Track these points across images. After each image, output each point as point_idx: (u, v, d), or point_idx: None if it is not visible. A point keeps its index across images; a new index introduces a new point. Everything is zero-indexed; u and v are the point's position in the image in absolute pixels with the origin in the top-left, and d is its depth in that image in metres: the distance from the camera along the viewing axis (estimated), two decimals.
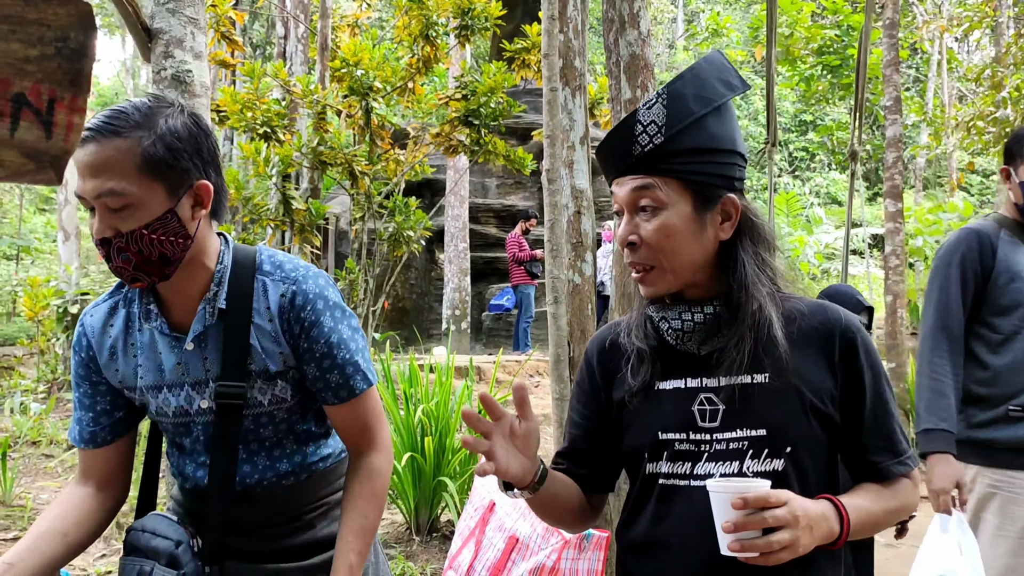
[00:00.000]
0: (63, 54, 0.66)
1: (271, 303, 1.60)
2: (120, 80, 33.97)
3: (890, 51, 9.05)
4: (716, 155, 1.36)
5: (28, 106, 0.67)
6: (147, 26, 2.66)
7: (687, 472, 1.37)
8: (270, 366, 1.60)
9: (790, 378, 1.34)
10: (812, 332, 1.38)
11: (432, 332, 13.80)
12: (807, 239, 17.07)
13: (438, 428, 4.79)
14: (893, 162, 8.78)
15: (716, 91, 1.37)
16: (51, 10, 0.64)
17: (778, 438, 1.33)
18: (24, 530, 4.86)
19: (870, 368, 1.38)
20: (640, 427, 1.44)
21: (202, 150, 1.52)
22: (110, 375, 1.66)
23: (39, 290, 8.63)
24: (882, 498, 1.37)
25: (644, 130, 1.35)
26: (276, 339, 1.60)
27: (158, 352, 1.61)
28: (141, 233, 1.45)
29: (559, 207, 3.95)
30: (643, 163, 1.35)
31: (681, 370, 1.42)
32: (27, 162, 0.67)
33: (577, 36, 4.49)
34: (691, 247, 1.36)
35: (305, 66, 10.96)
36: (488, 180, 15.07)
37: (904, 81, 21.01)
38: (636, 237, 1.37)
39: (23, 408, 7.33)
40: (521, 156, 8.20)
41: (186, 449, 1.69)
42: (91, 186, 1.42)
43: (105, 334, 1.65)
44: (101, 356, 1.65)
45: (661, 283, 1.39)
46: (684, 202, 1.35)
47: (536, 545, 2.89)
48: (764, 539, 1.19)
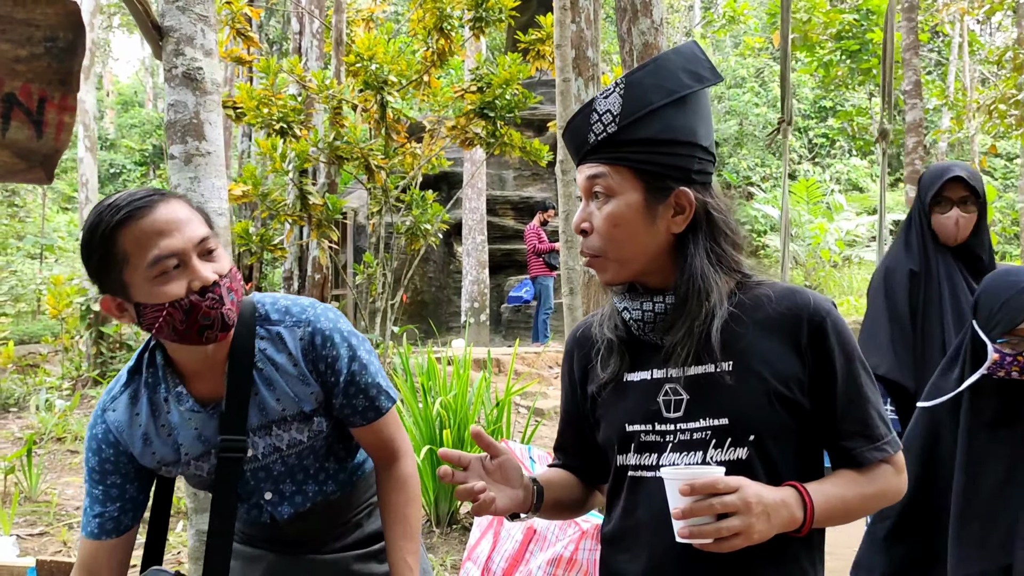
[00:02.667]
0: (52, 53, 0.67)
1: (292, 349, 1.64)
2: (139, 78, 34.24)
3: (909, 34, 8.94)
4: (671, 146, 1.33)
5: (19, 106, 0.67)
6: (157, 24, 2.67)
7: (653, 463, 1.37)
8: (304, 407, 1.66)
9: (753, 366, 1.33)
10: (779, 318, 1.35)
11: (451, 325, 13.83)
12: (828, 226, 16.92)
13: (456, 420, 4.80)
14: (914, 147, 8.68)
15: (679, 82, 1.35)
16: (39, 10, 0.64)
17: (740, 427, 1.32)
18: (50, 525, 4.93)
19: (842, 351, 1.34)
20: (609, 419, 1.44)
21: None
22: (147, 461, 1.65)
23: (62, 288, 8.73)
24: (856, 484, 1.33)
25: (599, 119, 1.35)
26: (305, 381, 1.65)
27: (194, 427, 1.63)
28: (232, 272, 1.55)
29: (573, 198, 3.94)
30: (597, 151, 1.36)
31: (647, 362, 1.41)
32: (18, 161, 0.68)
33: (590, 26, 4.47)
34: (640, 238, 1.35)
35: (321, 61, 10.99)
36: (505, 172, 15.06)
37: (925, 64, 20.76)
38: (588, 224, 1.38)
39: (48, 405, 7.43)
40: (537, 147, 8.18)
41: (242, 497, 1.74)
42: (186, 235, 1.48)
43: (133, 425, 1.64)
44: (134, 447, 1.64)
45: (610, 271, 1.39)
46: (634, 192, 1.34)
47: (553, 536, 2.90)
48: (713, 525, 1.18)
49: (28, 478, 5.40)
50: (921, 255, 2.93)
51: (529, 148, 8.17)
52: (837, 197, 20.00)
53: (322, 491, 1.77)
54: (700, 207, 1.36)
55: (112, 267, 1.47)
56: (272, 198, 7.61)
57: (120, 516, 1.67)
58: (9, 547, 3.83)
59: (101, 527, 1.65)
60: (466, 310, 12.79)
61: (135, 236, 1.44)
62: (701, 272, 1.34)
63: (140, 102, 31.80)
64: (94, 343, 8.42)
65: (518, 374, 9.29)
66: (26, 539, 4.67)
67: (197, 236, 1.48)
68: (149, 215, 1.45)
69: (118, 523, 1.67)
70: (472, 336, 11.45)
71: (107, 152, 26.86)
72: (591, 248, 1.39)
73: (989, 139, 19.29)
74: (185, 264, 1.47)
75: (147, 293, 1.47)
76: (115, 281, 1.49)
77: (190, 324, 1.48)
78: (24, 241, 15.08)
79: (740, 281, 1.39)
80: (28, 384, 8.28)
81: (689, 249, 1.36)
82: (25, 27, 0.57)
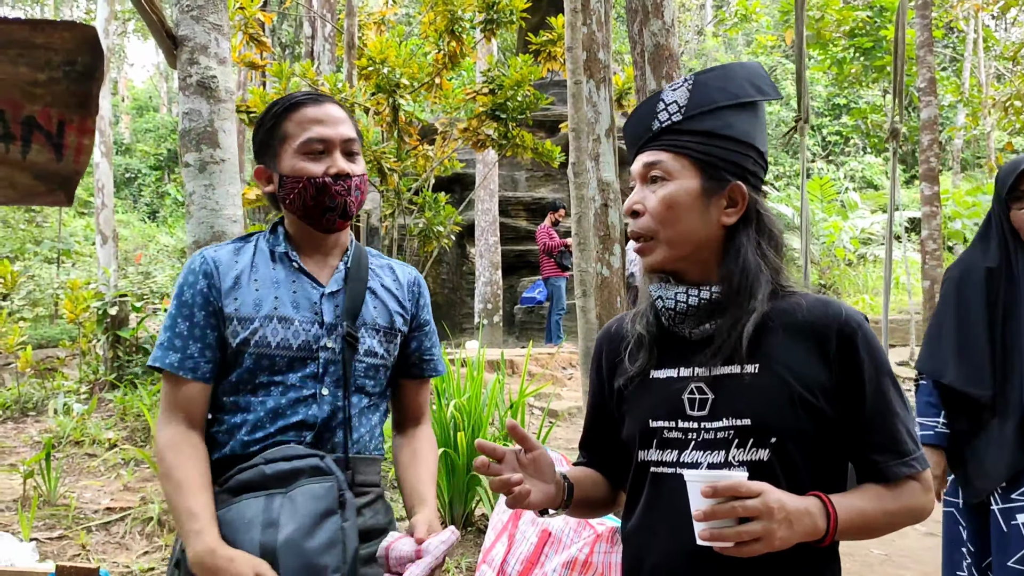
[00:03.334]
0: (71, 77, 0.68)
1: (399, 277, 1.92)
2: (154, 83, 34.46)
3: (923, 31, 8.89)
4: (730, 142, 1.40)
5: (39, 129, 0.69)
6: (172, 33, 2.70)
7: (675, 460, 1.38)
8: (396, 321, 1.85)
9: (779, 370, 1.34)
10: (809, 326, 1.37)
11: (465, 326, 13.85)
12: (842, 224, 16.84)
13: (471, 423, 4.81)
14: (928, 144, 8.64)
15: (743, 89, 1.42)
16: (57, 35, 0.66)
17: (763, 428, 1.32)
18: (69, 528, 4.98)
19: (871, 364, 1.35)
20: (633, 414, 1.47)
21: None
22: (227, 302, 1.72)
23: (79, 292, 8.79)
24: (881, 500, 1.33)
25: (666, 108, 1.42)
26: (401, 303, 1.88)
27: (294, 290, 1.76)
28: (364, 177, 1.80)
29: (586, 200, 3.95)
30: (658, 138, 1.42)
31: (675, 359, 1.43)
32: (37, 184, 0.70)
33: (601, 28, 4.47)
34: (692, 222, 1.39)
35: (333, 65, 11.03)
36: (517, 173, 15.06)
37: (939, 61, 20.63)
38: (640, 206, 1.42)
39: (66, 409, 7.48)
40: (549, 148, 8.19)
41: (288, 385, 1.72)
42: (340, 130, 1.75)
43: (231, 265, 1.76)
44: (225, 282, 1.74)
45: (658, 253, 1.41)
46: (692, 179, 1.39)
47: (568, 539, 2.90)
48: (734, 528, 1.18)
49: (47, 482, 5.44)
50: (1000, 253, 2.73)
51: (541, 149, 8.18)
52: (851, 195, 19.91)
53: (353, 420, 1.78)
54: (752, 204, 1.41)
55: (273, 141, 1.76)
56: None
57: (199, 360, 1.70)
58: (28, 552, 3.86)
59: (182, 362, 1.69)
60: (479, 311, 12.80)
61: (298, 120, 1.74)
62: (753, 266, 1.38)
63: (155, 106, 32.01)
64: (111, 347, 8.48)
65: (532, 375, 9.29)
66: (45, 543, 4.72)
67: (345, 135, 1.76)
68: (313, 107, 1.75)
69: (197, 365, 1.70)
70: (485, 337, 11.46)
71: (122, 156, 27.05)
72: (641, 228, 1.42)
73: (1005, 136, 19.14)
74: (329, 152, 1.74)
75: (292, 167, 1.73)
76: (272, 154, 1.77)
77: (318, 202, 1.73)
78: (41, 246, 15.21)
79: (775, 288, 1.40)
80: (46, 388, 8.34)
81: (740, 241, 1.39)
82: (44, 51, 0.58)
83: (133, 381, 8.04)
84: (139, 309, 8.96)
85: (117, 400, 7.54)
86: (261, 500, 1.58)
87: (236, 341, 1.70)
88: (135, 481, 5.99)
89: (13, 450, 6.87)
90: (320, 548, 1.55)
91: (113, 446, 6.72)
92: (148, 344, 8.50)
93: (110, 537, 4.93)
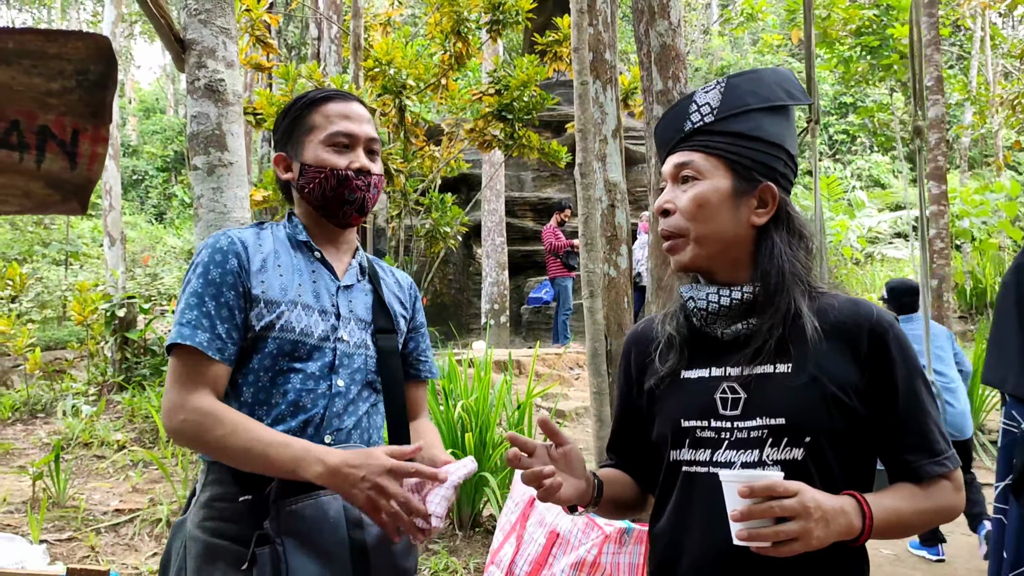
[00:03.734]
0: (84, 87, 0.68)
1: (401, 281, 1.97)
2: (160, 85, 34.55)
3: (930, 30, 8.86)
4: (761, 144, 1.42)
5: (53, 138, 0.69)
6: (180, 37, 2.70)
7: (707, 459, 1.39)
8: (399, 323, 1.89)
9: (811, 369, 1.34)
10: (841, 326, 1.37)
11: (471, 327, 13.85)
12: (849, 223, 16.80)
13: (478, 423, 4.81)
14: (936, 143, 8.61)
15: (774, 93, 1.46)
16: (71, 44, 0.66)
17: (797, 427, 1.33)
18: (78, 530, 4.99)
19: (903, 364, 1.36)
20: (664, 414, 1.48)
21: None
22: (255, 283, 1.68)
23: (87, 294, 8.81)
24: (915, 499, 1.34)
25: (698, 109, 1.45)
26: (404, 304, 1.94)
27: (315, 280, 1.78)
28: (381, 177, 1.85)
29: (593, 201, 3.94)
30: (690, 139, 1.45)
31: (706, 359, 1.44)
32: (52, 193, 0.70)
33: (607, 28, 4.47)
34: (722, 221, 1.40)
35: (339, 66, 11.04)
36: (524, 173, 15.06)
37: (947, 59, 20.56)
38: (671, 204, 1.44)
39: (75, 410, 7.51)
40: (555, 149, 8.19)
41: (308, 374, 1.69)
42: (365, 128, 1.81)
43: (256, 248, 1.75)
44: (253, 263, 1.71)
45: (688, 252, 1.43)
46: (723, 179, 1.41)
47: (576, 540, 2.89)
48: (772, 528, 1.18)
49: (56, 483, 5.46)
50: None
51: (547, 149, 8.18)
52: (859, 194, 19.85)
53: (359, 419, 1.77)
54: (782, 205, 1.43)
55: (298, 130, 1.80)
56: None
57: (227, 341, 1.64)
58: (39, 555, 3.87)
59: (211, 342, 1.61)
60: (486, 312, 12.80)
61: (327, 113, 1.79)
62: (786, 266, 1.39)
63: (162, 108, 32.10)
64: (119, 349, 8.50)
65: (539, 376, 9.29)
66: (54, 544, 4.73)
67: (370, 134, 1.81)
68: (342, 103, 1.81)
69: (225, 347, 1.63)
70: (492, 338, 11.47)
71: (130, 158, 27.13)
72: (672, 226, 1.44)
73: (1013, 134, 19.05)
74: (353, 148, 1.78)
75: (316, 157, 1.77)
76: (295, 142, 1.81)
77: (338, 194, 1.77)
78: (49, 248, 15.27)
79: (806, 288, 1.42)
80: (55, 390, 8.37)
81: (773, 241, 1.41)
82: (57, 61, 0.58)
83: (141, 383, 8.07)
84: (147, 311, 8.98)
85: (125, 402, 7.56)
86: (339, 499, 1.57)
87: (260, 325, 1.66)
88: (144, 483, 6.00)
89: (22, 452, 6.89)
90: (402, 551, 1.65)
91: (122, 448, 6.74)
92: (156, 346, 8.52)
93: (119, 539, 4.95)
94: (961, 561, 4.96)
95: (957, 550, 5.08)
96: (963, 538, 5.23)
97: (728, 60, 29.05)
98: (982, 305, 14.24)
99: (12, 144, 0.58)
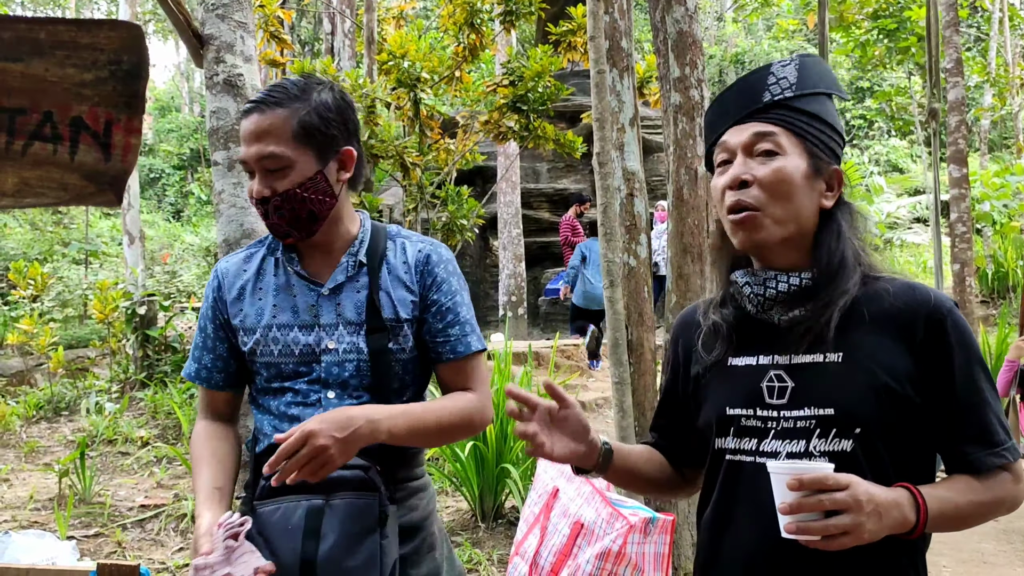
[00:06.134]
0: (117, 76, 0.68)
1: (408, 257, 1.79)
2: (175, 84, 34.70)
3: (949, 11, 8.76)
4: (831, 129, 1.41)
5: (86, 129, 0.69)
6: (198, 32, 2.70)
7: (753, 448, 1.37)
8: (401, 312, 1.75)
9: (862, 359, 1.31)
10: (896, 313, 1.34)
11: (489, 319, 13.85)
12: (868, 209, 16.65)
13: (499, 415, 4.81)
14: (956, 126, 8.52)
15: (835, 82, 1.46)
16: (103, 34, 0.65)
17: (847, 418, 1.29)
18: (105, 526, 5.04)
19: (962, 351, 1.32)
20: (710, 402, 1.45)
21: (348, 121, 1.72)
22: (233, 312, 1.77)
23: (108, 293, 8.87)
24: (972, 491, 1.29)
25: (777, 81, 1.40)
26: (410, 287, 1.77)
27: (293, 295, 1.74)
28: (294, 192, 1.65)
29: (611, 190, 3.92)
30: (768, 111, 1.39)
31: (754, 346, 1.41)
32: (87, 184, 0.70)
33: (623, 16, 4.44)
34: (800, 199, 1.36)
35: (353, 60, 11.04)
36: (539, 165, 15.02)
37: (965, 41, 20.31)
38: (750, 176, 1.36)
39: (98, 408, 7.57)
40: (571, 139, 8.16)
41: (300, 392, 1.72)
42: (254, 150, 1.64)
43: (237, 276, 1.79)
44: (230, 294, 1.77)
45: (764, 229, 1.36)
46: (801, 158, 1.37)
47: (601, 530, 2.88)
48: (822, 522, 1.15)
49: (82, 480, 5.51)
50: None
51: (563, 140, 8.14)
52: (876, 179, 19.68)
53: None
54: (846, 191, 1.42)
55: None
56: None
57: (212, 370, 1.80)
58: (69, 552, 3.91)
59: (197, 373, 1.81)
60: (503, 304, 12.80)
61: (241, 134, 1.68)
62: (851, 250, 1.37)
63: (177, 107, 32.24)
64: (140, 346, 8.57)
65: (558, 367, 9.28)
66: (81, 540, 4.78)
67: (261, 153, 1.64)
68: (248, 118, 1.67)
69: (210, 376, 1.80)
70: (510, 330, 11.46)
71: (146, 157, 27.26)
72: (751, 199, 1.36)
73: None
74: (251, 174, 1.68)
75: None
76: None
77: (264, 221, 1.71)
78: (69, 248, 15.36)
79: (864, 273, 1.38)
80: (78, 388, 8.44)
81: (840, 225, 1.38)
82: (90, 51, 0.58)
83: (163, 379, 8.13)
84: (167, 308, 9.04)
85: (148, 398, 7.62)
86: (304, 506, 1.55)
87: (246, 350, 1.76)
88: (168, 478, 6.05)
89: (48, 449, 6.96)
90: (359, 566, 1.53)
91: (145, 444, 6.80)
92: (177, 343, 8.58)
93: (145, 534, 4.99)
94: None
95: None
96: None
97: (742, 47, 28.84)
98: (1004, 289, 14.08)
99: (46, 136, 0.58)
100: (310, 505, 1.55)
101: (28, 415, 7.78)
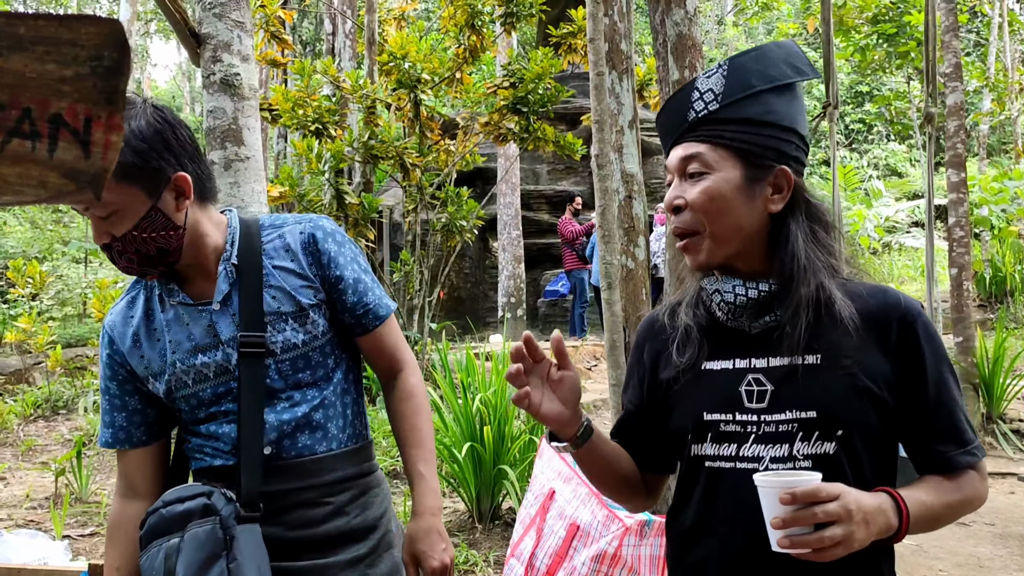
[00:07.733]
0: (97, 73, 0.67)
1: (291, 243, 1.70)
2: (176, 83, 34.71)
3: (948, 16, 8.75)
4: (771, 128, 1.34)
5: (65, 126, 0.68)
6: (195, 31, 2.70)
7: (733, 454, 1.34)
8: (302, 300, 1.68)
9: (841, 360, 1.30)
10: (869, 315, 1.32)
11: (488, 320, 13.86)
12: (866, 213, 16.66)
13: (496, 417, 4.81)
14: (955, 131, 8.51)
15: (781, 71, 1.37)
16: (84, 30, 0.64)
17: (829, 420, 1.29)
18: (100, 526, 5.03)
19: (932, 354, 1.32)
20: (684, 408, 1.41)
21: (170, 144, 1.57)
22: (135, 362, 1.69)
23: (107, 291, 8.88)
24: (944, 492, 1.30)
25: (700, 97, 1.36)
26: (302, 274, 1.69)
27: (186, 323, 1.66)
28: (132, 235, 1.54)
29: (610, 192, 3.92)
30: (695, 129, 1.36)
31: (729, 350, 1.38)
32: (67, 182, 0.69)
33: (623, 18, 4.44)
34: (737, 213, 1.33)
35: (354, 61, 11.05)
36: (539, 166, 15.03)
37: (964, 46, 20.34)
38: (682, 200, 1.35)
39: (96, 407, 7.57)
40: (571, 141, 8.16)
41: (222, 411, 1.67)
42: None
43: (127, 325, 1.71)
44: (124, 345, 1.69)
45: (704, 250, 1.35)
46: (733, 169, 1.33)
47: (597, 532, 2.88)
48: (816, 535, 1.14)
49: (78, 479, 5.51)
50: None
51: (563, 142, 8.15)
52: (875, 183, 19.70)
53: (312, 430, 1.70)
54: (798, 189, 1.36)
55: None
56: (309, 198, 7.68)
57: (129, 427, 1.72)
58: (61, 551, 3.90)
59: (114, 436, 1.72)
60: (503, 305, 12.80)
61: None
62: (804, 252, 1.33)
63: (178, 106, 32.25)
64: None
65: None
66: (77, 539, 4.77)
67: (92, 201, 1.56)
68: None
69: (129, 435, 1.72)
70: (510, 331, 11.46)
71: None
72: (685, 224, 1.36)
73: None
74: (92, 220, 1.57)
75: None
76: None
77: None
78: (69, 246, 15.37)
79: (831, 276, 1.36)
80: (76, 386, 8.44)
81: (790, 229, 1.35)
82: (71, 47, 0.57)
83: None
84: None
85: None
86: (164, 548, 1.53)
87: (162, 393, 1.69)
88: None
89: (44, 448, 6.96)
90: None
91: None
92: None
93: None
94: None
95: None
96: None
97: (742, 50, 28.83)
98: (1001, 293, 14.08)
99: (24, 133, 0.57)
100: (168, 546, 1.53)
101: (26, 413, 7.78)
